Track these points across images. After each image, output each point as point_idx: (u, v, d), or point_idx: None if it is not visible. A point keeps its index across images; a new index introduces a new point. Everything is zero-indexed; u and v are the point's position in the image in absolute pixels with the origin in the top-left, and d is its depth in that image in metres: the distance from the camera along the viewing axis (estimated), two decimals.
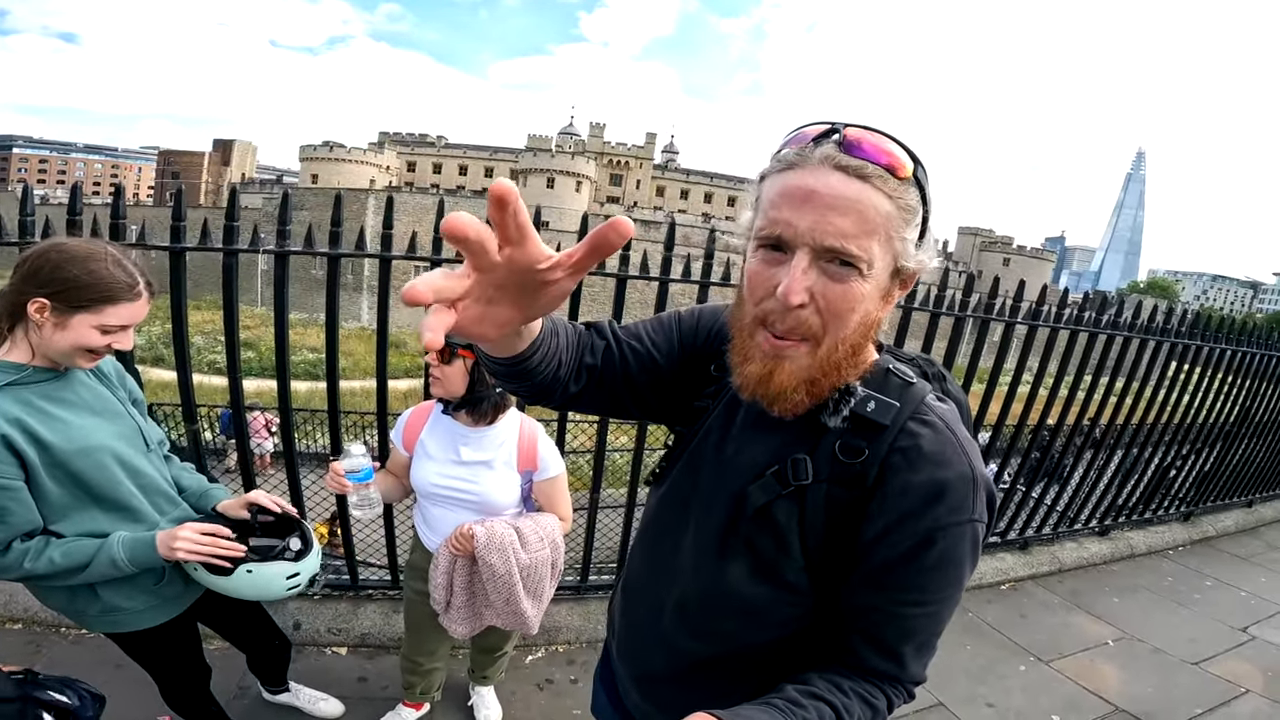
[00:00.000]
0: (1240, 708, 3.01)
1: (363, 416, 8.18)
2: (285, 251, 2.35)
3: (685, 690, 1.04)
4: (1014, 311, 3.33)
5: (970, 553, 0.82)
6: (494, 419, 1.99)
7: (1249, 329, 4.61)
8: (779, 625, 0.93)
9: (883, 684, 0.88)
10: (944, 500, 0.79)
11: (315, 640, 2.84)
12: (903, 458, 0.81)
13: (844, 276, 0.75)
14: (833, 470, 0.85)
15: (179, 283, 2.30)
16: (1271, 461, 5.52)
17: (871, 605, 0.85)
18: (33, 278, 1.37)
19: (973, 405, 3.66)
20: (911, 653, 0.87)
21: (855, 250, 0.73)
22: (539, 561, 1.98)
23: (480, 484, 1.99)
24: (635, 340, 1.02)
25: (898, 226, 0.76)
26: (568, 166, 56.43)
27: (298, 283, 36.72)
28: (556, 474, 2.08)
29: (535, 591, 2.02)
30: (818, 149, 0.75)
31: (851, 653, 0.88)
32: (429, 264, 2.51)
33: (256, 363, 23.40)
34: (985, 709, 2.87)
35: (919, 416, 0.84)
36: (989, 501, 0.83)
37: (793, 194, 0.75)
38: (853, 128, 0.76)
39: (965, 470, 0.81)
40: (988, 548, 4.15)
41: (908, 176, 0.76)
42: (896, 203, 0.75)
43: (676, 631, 1.02)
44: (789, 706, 0.78)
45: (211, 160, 78.95)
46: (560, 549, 2.10)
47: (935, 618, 0.86)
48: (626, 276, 2.67)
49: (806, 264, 0.74)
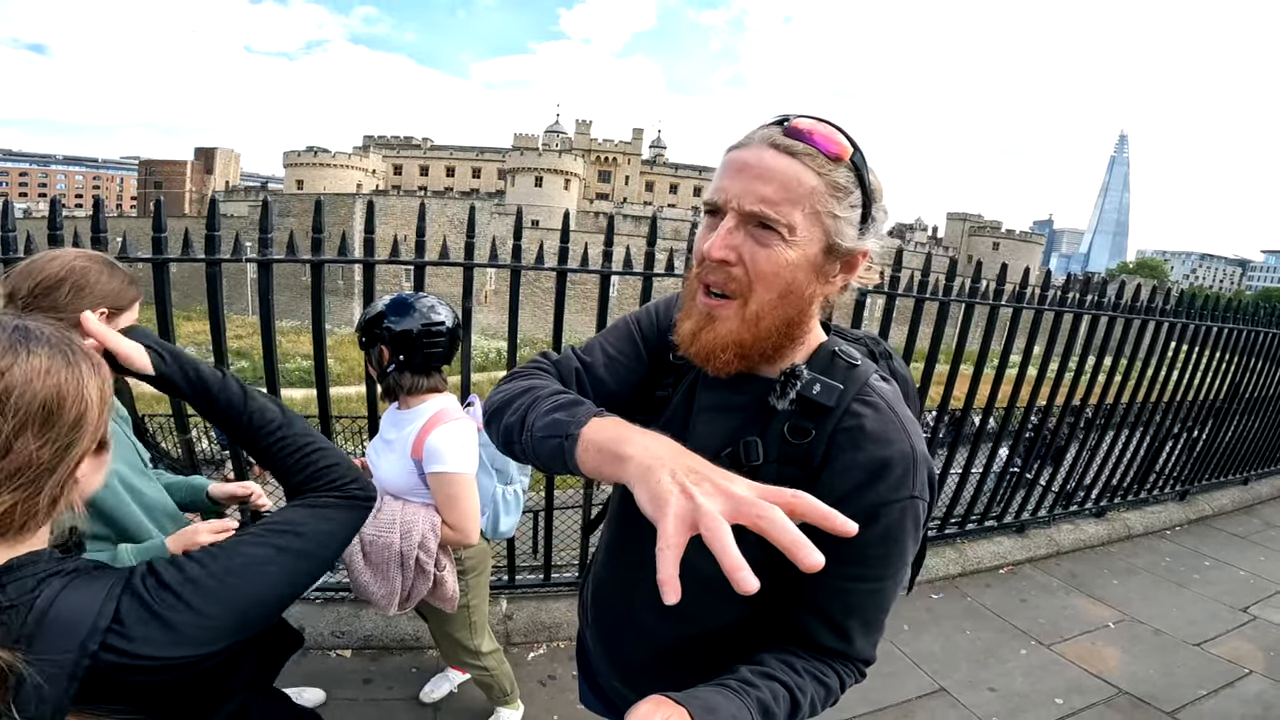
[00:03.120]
0: (1244, 688, 3.02)
1: (354, 421, 8.14)
2: (267, 260, 2.33)
3: (662, 675, 1.06)
4: (998, 294, 3.34)
5: (912, 529, 0.86)
6: (403, 400, 2.01)
7: (1237, 306, 4.63)
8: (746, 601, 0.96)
9: (833, 661, 0.91)
10: (885, 477, 0.83)
11: (319, 643, 2.84)
12: (847, 437, 0.86)
13: (767, 240, 0.82)
14: (782, 451, 0.89)
15: (163, 294, 2.28)
16: (1266, 438, 5.55)
17: (818, 581, 0.87)
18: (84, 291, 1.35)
19: (960, 388, 3.65)
20: (859, 629, 0.91)
21: (774, 214, 0.80)
22: (383, 543, 1.96)
23: (380, 460, 2.07)
24: (605, 359, 1.08)
25: (825, 201, 0.82)
26: (555, 164, 56.25)
27: (288, 290, 36.77)
28: (443, 470, 1.93)
29: (381, 571, 2.00)
30: (760, 131, 0.84)
31: (802, 629, 0.92)
32: (413, 268, 2.49)
33: (250, 372, 23.29)
34: (988, 693, 2.88)
35: (862, 398, 0.88)
36: (929, 479, 0.88)
37: (730, 166, 0.85)
38: (802, 118, 0.84)
39: (906, 449, 0.85)
40: (985, 532, 4.17)
41: (843, 159, 0.82)
42: (824, 179, 0.81)
43: (648, 616, 1.06)
44: (742, 686, 0.80)
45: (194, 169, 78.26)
46: (415, 542, 1.98)
47: (880, 594, 0.90)
48: (611, 273, 2.66)
49: (733, 224, 0.83)
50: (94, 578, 0.76)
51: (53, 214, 2.17)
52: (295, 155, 64.91)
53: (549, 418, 0.86)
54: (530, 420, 0.89)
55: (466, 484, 1.99)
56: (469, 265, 2.54)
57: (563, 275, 2.61)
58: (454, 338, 1.99)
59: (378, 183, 67.66)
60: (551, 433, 0.84)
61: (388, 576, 2.00)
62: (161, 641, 0.75)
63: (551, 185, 55.54)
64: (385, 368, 1.96)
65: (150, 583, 0.77)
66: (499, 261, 2.57)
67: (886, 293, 3.04)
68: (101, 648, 0.71)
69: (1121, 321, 3.93)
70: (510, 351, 2.66)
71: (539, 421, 0.87)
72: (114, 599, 0.74)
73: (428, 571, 2.01)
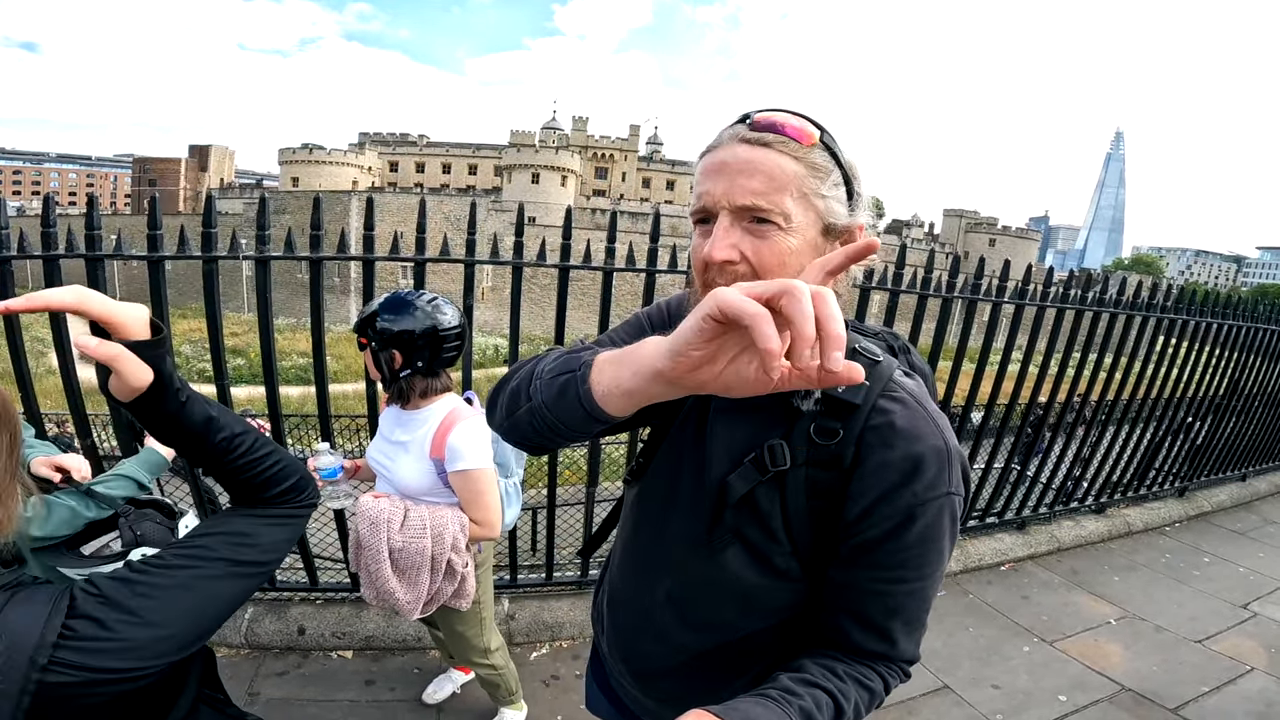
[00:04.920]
0: (1246, 685, 3.02)
1: (354, 420, 8.10)
2: (266, 257, 2.30)
3: (686, 682, 1.04)
4: (1000, 291, 3.33)
5: (950, 526, 0.84)
6: (412, 402, 1.98)
7: (1235, 302, 4.63)
8: (776, 612, 0.95)
9: (876, 664, 0.89)
10: (921, 475, 0.81)
11: (321, 644, 2.83)
12: (877, 436, 0.83)
13: (765, 232, 0.81)
14: (809, 453, 0.86)
15: (159, 292, 2.25)
16: (1264, 434, 5.56)
17: (857, 585, 0.87)
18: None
19: (963, 385, 3.65)
20: (901, 630, 0.89)
21: (766, 205, 0.80)
22: (414, 549, 1.94)
23: (395, 464, 2.03)
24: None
25: (810, 183, 0.81)
26: (552, 161, 56.04)
27: (284, 287, 36.64)
28: (468, 468, 1.94)
29: (409, 577, 1.98)
30: (728, 131, 0.84)
31: (842, 634, 0.89)
32: (413, 265, 2.46)
33: (247, 369, 23.20)
34: (991, 690, 2.87)
35: (889, 393, 0.85)
36: (964, 474, 0.85)
37: (709, 169, 0.84)
38: (760, 112, 0.84)
39: (940, 444, 0.82)
40: (986, 528, 4.17)
41: (813, 142, 0.83)
42: (802, 162, 0.81)
43: (672, 625, 1.03)
44: (784, 696, 0.78)
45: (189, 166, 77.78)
46: (447, 544, 1.97)
47: (921, 594, 0.88)
48: (614, 269, 2.64)
49: (728, 224, 0.81)
50: (37, 591, 0.74)
51: (46, 212, 2.14)
52: (290, 152, 64.54)
53: (557, 362, 0.84)
54: (539, 369, 0.86)
55: (489, 479, 2.00)
56: (471, 262, 2.52)
57: (565, 272, 2.58)
58: (441, 336, 1.95)
59: (373, 180, 67.35)
60: (562, 370, 0.81)
61: (416, 582, 1.99)
62: (114, 652, 0.73)
63: (548, 182, 55.36)
64: (399, 371, 1.92)
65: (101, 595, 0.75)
66: (501, 258, 2.55)
67: (890, 289, 3.02)
68: (51, 663, 0.68)
69: (1123, 318, 3.92)
70: (512, 349, 2.63)
71: (547, 368, 0.85)
72: (61, 612, 0.71)
73: (456, 572, 2.01)
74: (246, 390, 16.92)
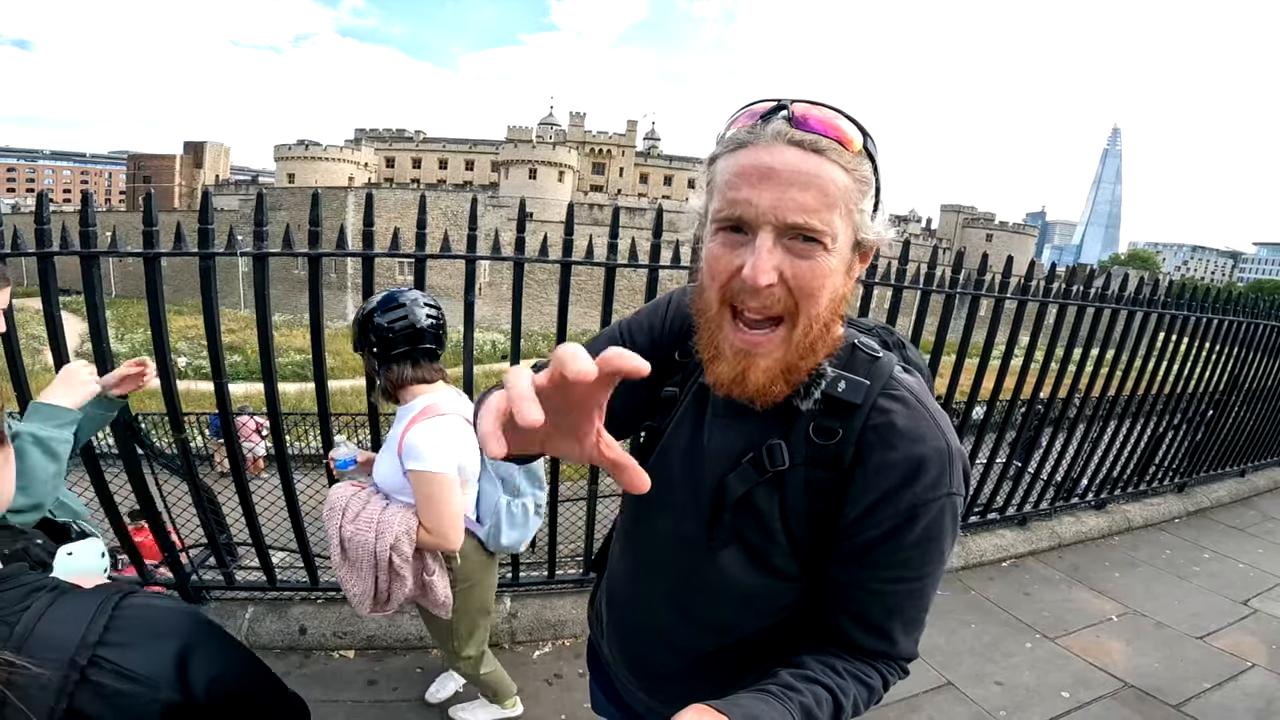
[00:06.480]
0: (1247, 681, 3.02)
1: (354, 418, 8.07)
2: (264, 254, 2.28)
3: (692, 683, 1.03)
4: (1002, 287, 3.32)
5: (950, 526, 0.83)
6: (393, 398, 1.99)
7: (1234, 298, 4.62)
8: (778, 611, 0.95)
9: (876, 662, 0.89)
10: (922, 476, 0.79)
11: (322, 644, 2.81)
12: (877, 436, 0.81)
13: (810, 253, 0.74)
14: (809, 453, 0.85)
15: (155, 289, 2.23)
16: (1262, 429, 5.56)
17: (857, 584, 0.86)
18: None
19: (965, 381, 3.64)
20: (901, 629, 0.88)
21: (819, 225, 0.72)
22: (359, 542, 1.92)
23: (378, 460, 2.06)
24: None
25: (855, 199, 0.75)
26: (549, 157, 55.91)
27: (280, 283, 36.48)
28: (420, 469, 1.84)
29: (358, 569, 1.97)
30: (768, 126, 0.74)
31: (842, 633, 0.89)
32: (412, 260, 2.44)
33: (244, 366, 23.12)
34: (994, 687, 2.87)
35: (889, 392, 0.84)
36: (964, 473, 0.84)
37: (749, 173, 0.73)
38: (799, 103, 0.75)
39: (941, 445, 0.81)
40: (988, 524, 4.16)
41: (859, 150, 0.75)
42: (852, 175, 0.74)
43: (674, 625, 1.02)
44: (784, 691, 0.78)
45: (184, 163, 77.27)
46: (388, 543, 1.90)
47: (921, 593, 0.87)
48: (616, 265, 2.62)
49: (771, 243, 0.73)
50: (82, 593, 0.75)
51: (39, 207, 2.11)
52: (286, 149, 64.24)
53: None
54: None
55: (444, 484, 1.87)
56: (471, 258, 2.49)
57: (567, 268, 2.56)
58: (415, 329, 1.92)
59: (370, 176, 67.09)
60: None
61: (362, 575, 1.97)
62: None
63: (546, 177, 55.23)
64: (377, 368, 1.96)
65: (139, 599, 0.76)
66: (503, 254, 2.52)
67: (894, 285, 3.01)
68: (90, 662, 0.69)
69: (1124, 314, 3.92)
70: (514, 344, 2.61)
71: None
72: (105, 614, 0.73)
73: (403, 575, 1.95)
74: (244, 387, 16.85)
